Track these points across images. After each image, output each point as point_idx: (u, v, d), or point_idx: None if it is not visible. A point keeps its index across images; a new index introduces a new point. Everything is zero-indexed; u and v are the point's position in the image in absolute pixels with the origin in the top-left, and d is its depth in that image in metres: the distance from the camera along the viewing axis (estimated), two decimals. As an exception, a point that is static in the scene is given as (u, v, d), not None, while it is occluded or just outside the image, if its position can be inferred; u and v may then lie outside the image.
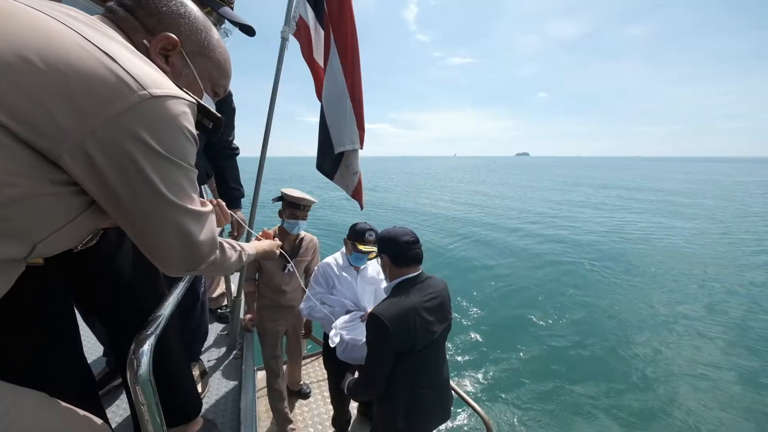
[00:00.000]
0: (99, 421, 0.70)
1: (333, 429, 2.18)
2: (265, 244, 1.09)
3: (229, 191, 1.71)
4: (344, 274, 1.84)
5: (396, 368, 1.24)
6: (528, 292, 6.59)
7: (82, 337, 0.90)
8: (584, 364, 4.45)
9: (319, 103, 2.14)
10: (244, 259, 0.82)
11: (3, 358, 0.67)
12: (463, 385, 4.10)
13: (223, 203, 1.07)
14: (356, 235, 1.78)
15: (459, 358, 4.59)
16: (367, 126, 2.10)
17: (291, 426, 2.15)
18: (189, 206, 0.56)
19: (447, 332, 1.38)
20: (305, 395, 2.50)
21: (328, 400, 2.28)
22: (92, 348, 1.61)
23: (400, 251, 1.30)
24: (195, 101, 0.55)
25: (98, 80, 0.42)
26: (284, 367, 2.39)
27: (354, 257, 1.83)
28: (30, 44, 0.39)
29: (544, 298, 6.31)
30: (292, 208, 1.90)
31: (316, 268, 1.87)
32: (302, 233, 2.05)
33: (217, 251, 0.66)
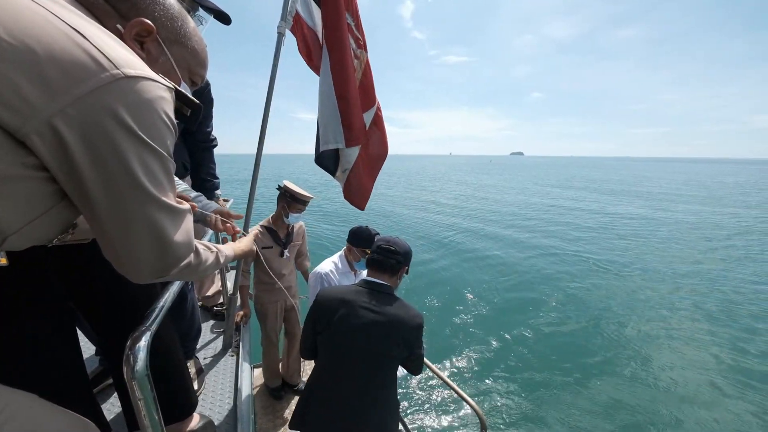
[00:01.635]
0: (91, 423, 0.69)
1: None
2: (243, 245, 1.02)
3: (202, 183, 1.73)
4: (344, 278, 1.89)
5: (318, 360, 1.27)
6: (525, 289, 6.67)
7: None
8: (579, 358, 4.52)
9: (316, 101, 2.17)
10: (222, 261, 0.77)
11: None
12: (457, 378, 4.15)
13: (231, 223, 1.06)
14: (366, 243, 1.82)
15: (455, 353, 4.64)
16: None
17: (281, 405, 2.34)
18: (165, 200, 0.51)
19: (379, 361, 1.18)
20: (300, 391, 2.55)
21: None
22: (84, 347, 1.59)
23: (371, 251, 1.34)
24: (173, 87, 0.52)
25: (68, 57, 0.39)
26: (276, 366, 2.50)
27: (362, 263, 1.88)
28: None
29: (541, 294, 6.40)
30: (297, 202, 2.07)
31: (315, 275, 1.89)
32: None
33: (192, 255, 0.61)
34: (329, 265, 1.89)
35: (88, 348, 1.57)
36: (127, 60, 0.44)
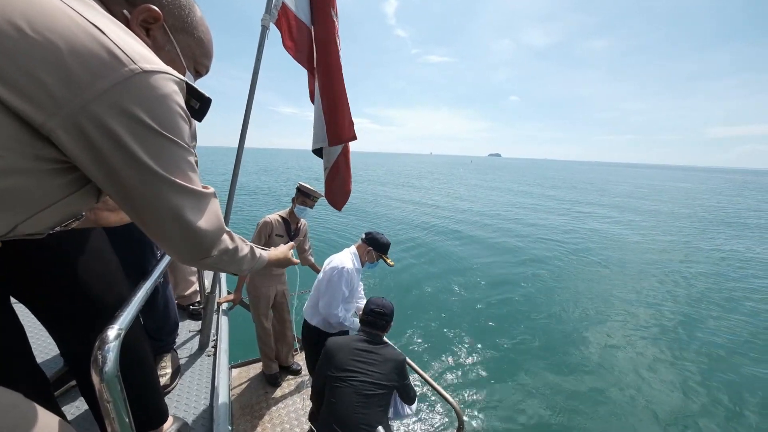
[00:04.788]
0: (71, 427, 0.66)
1: (309, 424, 2.18)
2: (279, 252, 1.03)
3: None
4: (357, 275, 2.07)
5: (325, 398, 1.58)
6: (502, 287, 6.92)
7: (40, 335, 0.84)
8: (552, 353, 4.76)
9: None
10: (257, 256, 0.79)
11: None
12: (434, 373, 4.25)
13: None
14: (383, 248, 2.05)
15: (431, 349, 4.75)
16: None
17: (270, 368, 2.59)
18: (188, 185, 0.53)
19: (375, 389, 1.53)
20: (296, 372, 2.74)
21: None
22: (49, 346, 1.49)
23: (365, 313, 1.75)
24: (184, 80, 0.52)
25: (88, 53, 0.40)
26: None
27: (373, 265, 2.10)
28: (19, 12, 0.37)
29: (517, 293, 6.66)
30: (304, 196, 2.33)
31: (339, 271, 1.98)
32: (301, 219, 2.48)
33: (226, 238, 0.63)
34: (349, 263, 2.00)
35: (52, 348, 1.47)
36: (143, 54, 0.45)
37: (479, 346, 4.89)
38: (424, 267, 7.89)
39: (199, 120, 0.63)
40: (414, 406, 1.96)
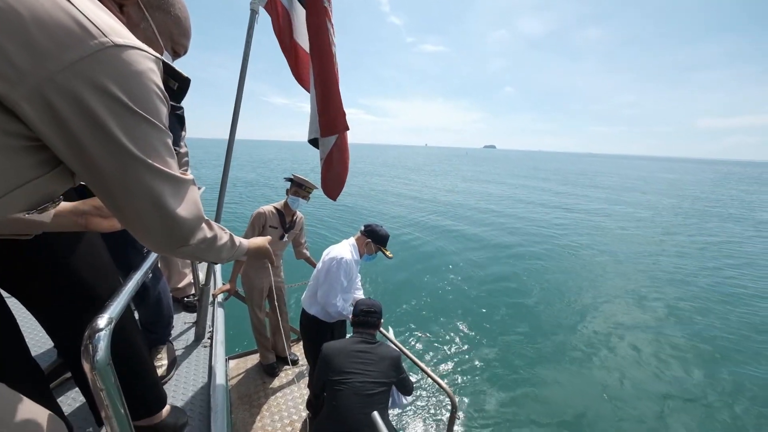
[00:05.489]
0: (60, 420, 0.66)
1: (307, 411, 2.23)
2: (259, 240, 1.00)
3: None
4: (356, 266, 2.11)
5: (326, 399, 1.62)
6: (493, 276, 7.02)
7: (33, 328, 0.83)
8: (545, 341, 4.87)
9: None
10: (236, 245, 0.76)
11: None
12: (428, 361, 4.34)
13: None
14: (382, 240, 2.08)
15: (426, 337, 4.84)
16: None
17: (270, 355, 2.64)
18: (165, 169, 0.49)
19: (376, 386, 1.59)
20: (293, 362, 2.76)
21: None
22: (43, 339, 1.48)
23: (356, 314, 1.81)
24: (161, 58, 0.49)
25: (54, 23, 0.37)
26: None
27: (372, 257, 2.13)
28: None
29: (507, 281, 6.78)
30: (297, 186, 2.32)
31: (340, 262, 1.99)
32: (297, 212, 2.49)
33: (205, 226, 0.60)
34: (348, 254, 2.03)
35: (46, 341, 1.46)
36: (114, 28, 0.42)
37: (471, 332, 5.00)
38: (419, 258, 7.95)
39: (178, 102, 0.60)
40: (410, 396, 2.00)
